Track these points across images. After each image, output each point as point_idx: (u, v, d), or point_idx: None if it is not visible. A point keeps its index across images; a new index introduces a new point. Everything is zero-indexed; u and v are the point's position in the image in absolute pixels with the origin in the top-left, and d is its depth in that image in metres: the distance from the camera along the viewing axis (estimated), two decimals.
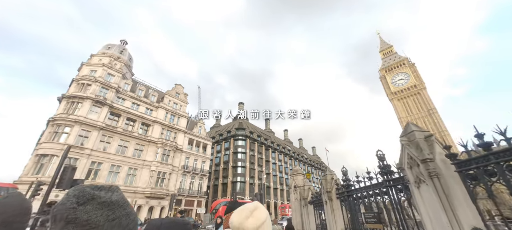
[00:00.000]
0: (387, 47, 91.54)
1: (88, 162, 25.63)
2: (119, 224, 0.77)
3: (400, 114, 75.68)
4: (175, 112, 38.12)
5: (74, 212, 0.67)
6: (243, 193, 46.83)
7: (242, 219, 1.18)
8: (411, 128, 3.58)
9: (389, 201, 4.17)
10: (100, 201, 0.74)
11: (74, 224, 0.66)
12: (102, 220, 0.71)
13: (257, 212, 1.21)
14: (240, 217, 1.19)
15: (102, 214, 0.72)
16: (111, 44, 37.12)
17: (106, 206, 0.75)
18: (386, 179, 4.25)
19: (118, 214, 0.79)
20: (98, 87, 29.42)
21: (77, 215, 0.67)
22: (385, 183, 4.25)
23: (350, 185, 5.62)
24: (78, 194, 0.73)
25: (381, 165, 4.41)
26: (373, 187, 4.65)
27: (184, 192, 33.67)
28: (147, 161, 30.83)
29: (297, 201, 9.31)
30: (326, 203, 6.50)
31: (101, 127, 27.66)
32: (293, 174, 10.09)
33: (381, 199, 4.49)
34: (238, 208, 1.29)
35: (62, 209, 0.67)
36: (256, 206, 1.26)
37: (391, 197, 4.11)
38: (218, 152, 56.62)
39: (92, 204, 0.72)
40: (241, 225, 1.16)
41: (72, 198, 0.71)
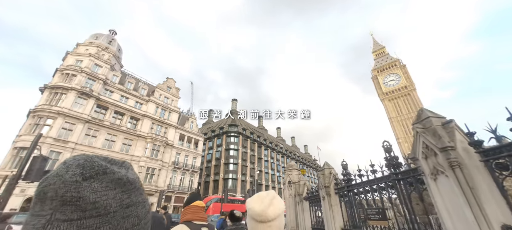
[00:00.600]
0: (379, 48, 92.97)
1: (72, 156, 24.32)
2: (136, 214, 0.54)
3: (391, 114, 77.20)
4: (166, 107, 37.06)
5: (77, 189, 0.45)
6: (234, 190, 46.38)
7: (264, 207, 1.21)
8: (426, 114, 3.19)
9: (397, 195, 3.79)
10: (113, 178, 0.51)
11: (74, 206, 0.44)
12: (114, 204, 0.49)
13: (276, 201, 1.26)
14: (262, 205, 1.22)
15: (114, 196, 0.50)
16: (99, 34, 35.52)
17: (121, 185, 0.52)
18: (393, 172, 3.87)
19: (134, 200, 0.55)
20: (84, 78, 28.05)
21: (81, 193, 0.45)
22: (392, 176, 3.87)
23: (351, 179, 5.24)
24: (83, 164, 0.49)
25: (387, 156, 4.03)
26: (378, 181, 4.26)
27: (174, 189, 32.84)
28: (135, 156, 29.78)
29: (292, 198, 8.91)
30: (323, 199, 6.10)
31: (86, 119, 26.40)
32: (288, 169, 9.69)
33: (386, 194, 4.11)
34: (256, 196, 1.30)
35: (58, 182, 0.45)
36: (274, 195, 1.29)
37: (399, 191, 3.73)
38: (210, 148, 55.81)
39: (102, 180, 0.49)
40: (264, 212, 1.19)
41: (75, 168, 0.48)
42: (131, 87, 34.07)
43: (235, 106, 74.67)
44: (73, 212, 0.44)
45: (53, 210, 0.44)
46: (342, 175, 5.46)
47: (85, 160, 0.50)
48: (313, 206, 7.39)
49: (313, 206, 7.36)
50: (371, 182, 4.50)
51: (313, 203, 7.36)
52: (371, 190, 4.47)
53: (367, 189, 4.61)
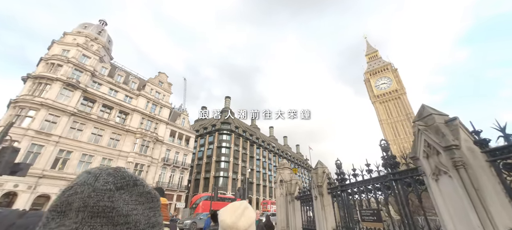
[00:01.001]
0: (372, 52, 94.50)
1: (55, 149, 23.32)
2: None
3: (381, 117, 78.71)
4: (157, 102, 36.16)
5: (111, 198, 0.41)
6: (225, 188, 46.00)
7: (235, 219, 1.19)
8: (428, 111, 3.01)
9: (394, 196, 3.61)
10: (143, 191, 0.48)
11: (106, 219, 0.39)
12: (143, 221, 0.45)
13: (248, 212, 1.25)
14: (233, 216, 1.20)
15: (143, 211, 0.46)
16: (88, 23, 34.16)
17: (149, 201, 0.48)
18: (390, 172, 3.69)
19: (159, 220, 0.51)
20: (70, 68, 26.86)
21: (115, 203, 0.41)
22: (389, 177, 3.69)
23: (344, 179, 5.06)
24: (114, 173, 0.46)
25: (385, 155, 3.85)
26: (374, 181, 4.09)
27: (163, 186, 32.08)
28: (123, 151, 28.87)
29: (283, 197, 8.71)
30: (315, 199, 5.91)
31: (72, 112, 25.31)
32: (280, 168, 9.48)
33: (382, 194, 3.94)
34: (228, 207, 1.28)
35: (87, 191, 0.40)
36: (246, 205, 1.29)
37: (396, 192, 3.55)
38: (202, 145, 55.10)
39: (132, 192, 0.46)
40: (235, 225, 1.17)
41: (106, 176, 0.44)
42: (121, 81, 32.98)
43: (228, 104, 74.05)
44: (103, 226, 0.38)
45: (78, 223, 0.37)
46: (336, 174, 5.28)
47: (115, 170, 0.47)
48: (304, 205, 7.20)
49: (305, 205, 7.17)
50: (366, 182, 4.32)
51: (304, 203, 7.17)
52: (366, 190, 4.29)
53: (361, 189, 4.43)
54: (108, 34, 36.09)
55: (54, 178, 22.52)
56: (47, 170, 22.23)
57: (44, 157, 22.27)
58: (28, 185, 20.71)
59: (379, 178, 3.96)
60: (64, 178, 23.20)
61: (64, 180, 23.18)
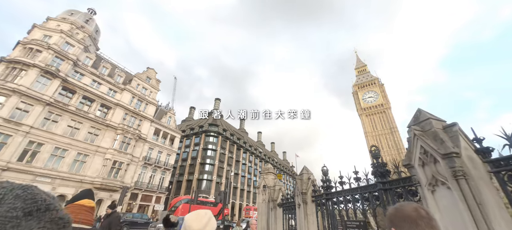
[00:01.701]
0: (362, 66, 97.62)
1: (24, 140, 21.55)
2: None
3: (367, 129, 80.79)
4: (143, 98, 34.82)
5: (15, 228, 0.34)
6: (208, 192, 44.72)
7: (202, 226, 1.30)
8: (426, 115, 2.75)
9: (383, 207, 3.31)
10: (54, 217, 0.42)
11: None
12: None
13: (212, 221, 1.35)
14: (200, 224, 1.30)
15: None
16: (75, 10, 32.59)
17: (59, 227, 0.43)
18: (380, 181, 3.39)
19: None
20: (50, 55, 25.26)
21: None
22: (379, 186, 3.39)
23: (330, 187, 4.73)
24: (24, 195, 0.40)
25: (375, 163, 3.56)
26: (362, 190, 3.78)
27: (142, 186, 30.62)
28: (102, 147, 27.29)
29: (265, 203, 8.27)
30: (299, 207, 5.54)
31: (48, 102, 23.65)
32: (264, 172, 9.05)
33: (370, 205, 3.63)
34: (193, 214, 1.37)
35: None
36: (211, 215, 1.41)
37: (386, 203, 3.25)
38: (187, 146, 53.62)
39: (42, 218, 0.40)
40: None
41: (14, 199, 0.37)
42: (105, 73, 31.50)
43: (217, 106, 73.12)
44: None
45: None
46: (322, 181, 4.95)
47: (24, 189, 0.40)
48: (287, 213, 6.81)
49: (287, 213, 6.78)
50: (353, 191, 4.00)
51: (287, 210, 6.78)
52: (352, 200, 3.98)
53: (348, 199, 4.11)
54: (96, 24, 34.59)
55: (20, 172, 20.71)
56: (13, 163, 20.41)
57: (11, 148, 20.47)
58: None
59: (368, 187, 3.66)
60: (32, 172, 21.45)
61: (31, 174, 21.43)
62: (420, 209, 1.02)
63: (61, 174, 23.37)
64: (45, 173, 22.38)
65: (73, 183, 24.13)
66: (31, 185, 0.42)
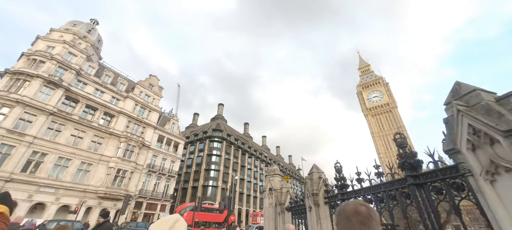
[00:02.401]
0: (365, 66, 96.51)
1: (28, 151, 21.44)
2: None
3: (373, 129, 79.15)
4: (146, 105, 34.72)
5: None
6: (214, 199, 43.98)
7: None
8: (469, 87, 2.18)
9: (416, 207, 2.70)
10: None
11: None
12: None
13: (178, 225, 1.23)
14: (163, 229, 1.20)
15: None
16: (77, 21, 32.99)
17: None
18: (410, 175, 2.80)
19: None
20: (53, 65, 25.42)
21: None
22: (410, 180, 2.79)
23: (346, 185, 4.13)
24: None
25: (402, 153, 2.97)
26: (387, 187, 3.18)
27: (146, 194, 30.17)
28: (105, 156, 27.07)
29: (272, 207, 7.66)
30: (310, 210, 4.94)
31: (51, 111, 23.64)
32: (270, 174, 8.47)
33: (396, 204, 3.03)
34: (158, 221, 1.26)
35: None
36: (177, 218, 1.27)
37: (420, 201, 2.65)
38: (192, 152, 53.23)
39: None
40: None
41: None
42: (108, 81, 31.57)
43: (221, 111, 72.89)
44: None
45: None
46: (335, 180, 4.35)
47: None
48: (296, 218, 6.18)
49: (297, 218, 6.16)
50: (375, 189, 3.40)
51: (296, 215, 6.16)
52: (375, 199, 3.37)
53: (369, 198, 3.50)
54: (98, 33, 34.93)
55: (23, 183, 20.53)
56: (16, 174, 20.26)
57: (14, 159, 20.36)
58: None
59: (394, 182, 3.06)
60: (35, 183, 21.25)
61: (35, 185, 21.23)
62: (361, 206, 1.04)
63: (65, 184, 23.12)
64: (49, 183, 22.15)
65: (77, 192, 23.84)
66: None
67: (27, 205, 20.54)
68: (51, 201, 21.92)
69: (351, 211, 1.04)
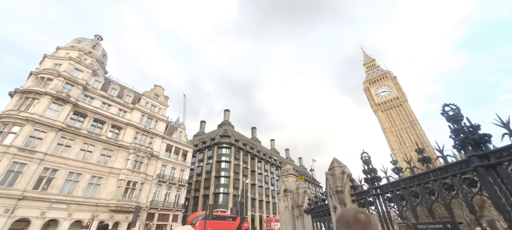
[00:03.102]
0: (370, 61, 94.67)
1: (39, 168, 21.57)
2: None
3: (384, 125, 76.89)
4: (153, 116, 34.78)
5: None
6: (226, 206, 43.28)
7: None
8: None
9: (489, 196, 2.03)
10: None
11: None
12: None
13: None
14: None
15: None
16: (82, 38, 33.68)
17: None
18: (475, 153, 2.12)
19: None
20: (61, 82, 25.81)
21: None
22: (475, 161, 2.12)
23: (377, 178, 3.46)
24: None
25: (458, 128, 2.30)
26: (438, 174, 2.50)
27: (158, 205, 29.85)
28: (115, 168, 27.03)
29: (288, 210, 6.99)
30: (334, 210, 4.27)
31: (60, 127, 23.86)
32: (283, 175, 7.82)
33: (456, 194, 2.35)
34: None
35: None
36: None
37: (493, 189, 1.97)
38: (201, 161, 52.96)
39: None
40: None
41: None
42: (114, 94, 31.86)
43: (227, 117, 72.69)
44: None
45: None
46: (364, 173, 3.69)
47: None
48: (318, 220, 5.49)
49: (318, 220, 5.47)
50: (421, 178, 2.72)
51: (317, 217, 5.47)
52: (422, 193, 2.69)
53: (413, 191, 2.83)
54: (103, 48, 35.54)
55: (36, 200, 20.57)
56: (29, 191, 20.34)
57: (26, 176, 20.49)
58: (5, 207, 18.75)
59: (452, 166, 2.38)
60: (47, 199, 21.27)
61: (47, 201, 21.25)
62: (360, 213, 1.07)
63: (76, 199, 23.09)
64: (61, 199, 22.15)
65: (89, 207, 23.76)
66: None
67: (40, 222, 20.52)
68: (63, 217, 21.86)
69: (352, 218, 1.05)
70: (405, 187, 2.96)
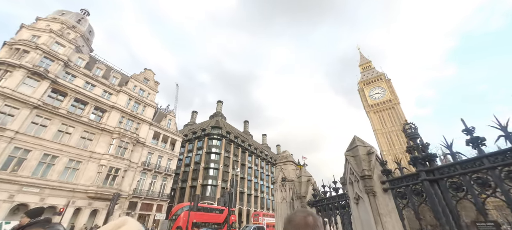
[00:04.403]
0: (366, 62, 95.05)
1: (9, 147, 19.59)
2: None
3: (375, 126, 77.64)
4: (141, 100, 32.91)
5: None
6: (213, 198, 42.20)
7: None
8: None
9: None
10: None
11: None
12: None
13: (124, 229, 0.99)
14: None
15: None
16: (66, 11, 31.12)
17: None
18: None
19: None
20: (38, 56, 23.57)
21: None
22: None
23: (430, 158, 2.40)
24: None
25: None
26: None
27: (141, 194, 28.37)
28: (96, 152, 25.27)
29: (286, 203, 5.93)
30: (357, 202, 3.20)
31: (35, 104, 21.80)
32: (281, 162, 6.74)
33: None
34: (107, 225, 1.03)
35: None
36: (124, 222, 1.03)
37: None
38: (190, 151, 51.42)
39: None
40: None
41: None
42: (99, 74, 29.73)
43: (220, 109, 71.10)
44: None
45: None
46: (411, 151, 2.62)
47: None
48: (324, 216, 4.43)
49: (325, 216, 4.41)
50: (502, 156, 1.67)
51: (325, 212, 4.41)
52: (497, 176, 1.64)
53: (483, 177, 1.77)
54: (89, 24, 33.09)
55: (3, 181, 18.70)
56: None
57: None
58: None
59: None
60: (17, 182, 19.42)
61: (17, 184, 19.41)
62: (309, 216, 1.12)
63: (51, 183, 21.29)
64: (33, 182, 20.31)
65: (65, 192, 22.02)
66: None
67: (7, 206, 18.71)
68: (35, 202, 20.04)
69: (302, 223, 1.08)
70: (474, 170, 1.89)
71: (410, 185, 2.61)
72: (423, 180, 2.39)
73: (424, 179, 2.37)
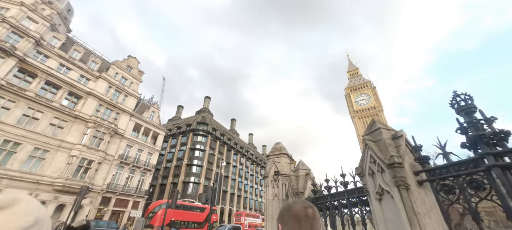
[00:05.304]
0: (353, 69, 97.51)
1: None
2: None
3: (359, 132, 79.55)
4: (122, 89, 30.81)
5: None
6: (195, 196, 40.62)
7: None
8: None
9: None
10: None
11: None
12: None
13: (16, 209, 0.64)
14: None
15: None
16: None
17: None
18: None
19: None
20: (5, 30, 21.12)
21: None
22: None
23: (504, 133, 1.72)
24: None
25: None
26: None
27: (116, 189, 26.42)
28: (67, 142, 23.11)
29: (278, 200, 5.16)
30: (380, 198, 2.47)
31: None
32: (274, 155, 5.95)
33: None
34: None
35: None
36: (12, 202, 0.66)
37: None
38: (173, 146, 49.36)
39: None
40: None
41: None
42: (76, 57, 27.39)
43: (207, 105, 69.30)
44: None
45: None
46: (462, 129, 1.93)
47: None
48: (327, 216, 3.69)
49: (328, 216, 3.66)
50: None
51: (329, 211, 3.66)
52: None
53: None
54: (68, 2, 30.45)
55: None
56: None
57: None
58: None
59: None
60: None
61: None
62: (309, 208, 1.04)
63: (11, 172, 19.00)
64: None
65: (27, 183, 19.77)
66: None
67: None
68: None
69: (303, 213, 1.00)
70: None
71: (462, 176, 1.91)
72: (491, 166, 1.69)
73: (492, 165, 1.68)
